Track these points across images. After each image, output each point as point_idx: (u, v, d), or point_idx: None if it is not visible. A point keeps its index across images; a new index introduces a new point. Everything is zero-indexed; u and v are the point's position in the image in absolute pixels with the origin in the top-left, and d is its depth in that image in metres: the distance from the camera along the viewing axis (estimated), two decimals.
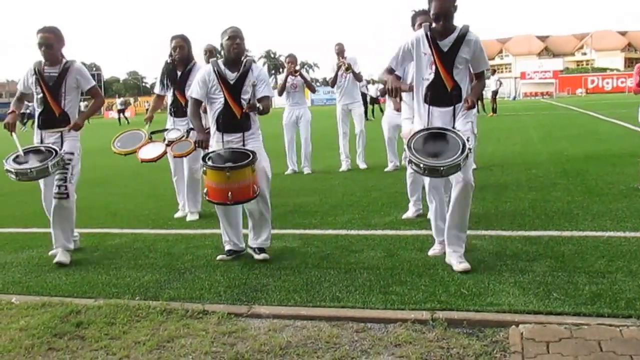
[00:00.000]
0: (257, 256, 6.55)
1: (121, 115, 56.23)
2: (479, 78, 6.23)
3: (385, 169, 12.88)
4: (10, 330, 4.90)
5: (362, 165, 13.56)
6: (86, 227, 8.30)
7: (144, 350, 4.43)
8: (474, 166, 11.92)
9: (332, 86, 13.80)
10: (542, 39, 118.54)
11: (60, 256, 6.89)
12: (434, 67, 5.90)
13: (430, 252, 6.39)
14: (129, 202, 10.94)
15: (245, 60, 6.51)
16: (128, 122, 50.36)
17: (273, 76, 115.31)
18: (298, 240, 7.29)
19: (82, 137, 7.17)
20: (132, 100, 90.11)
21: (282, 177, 12.94)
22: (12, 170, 6.57)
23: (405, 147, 5.77)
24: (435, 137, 5.80)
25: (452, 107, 5.95)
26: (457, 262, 5.88)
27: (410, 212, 8.03)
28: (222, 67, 6.48)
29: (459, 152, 5.47)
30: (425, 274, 5.77)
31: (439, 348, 4.23)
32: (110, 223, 8.97)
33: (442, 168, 5.46)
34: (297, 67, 13.44)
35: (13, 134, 6.91)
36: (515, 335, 4.30)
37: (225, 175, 6.05)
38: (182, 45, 8.55)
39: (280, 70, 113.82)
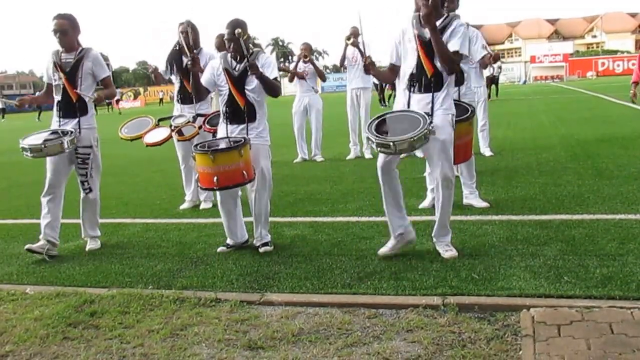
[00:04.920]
0: (260, 250, 6.51)
1: (117, 105, 58.44)
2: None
3: (401, 156, 12.81)
4: (25, 320, 4.94)
5: (368, 155, 13.31)
6: (99, 217, 8.34)
7: (158, 338, 4.47)
8: (491, 153, 11.99)
9: (341, 65, 13.76)
10: (552, 22, 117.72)
11: (90, 244, 7.12)
12: (416, 53, 5.88)
13: (381, 251, 6.09)
14: (141, 191, 10.98)
15: (252, 51, 6.43)
16: (120, 113, 51.84)
17: (282, 64, 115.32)
18: (309, 228, 7.31)
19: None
20: (142, 90, 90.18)
21: (292, 165, 12.96)
22: (27, 146, 6.66)
23: (366, 127, 5.76)
24: (400, 119, 5.80)
25: (430, 94, 5.85)
26: (443, 250, 5.92)
27: (427, 202, 7.95)
28: (229, 58, 6.46)
29: (416, 130, 5.47)
30: (436, 259, 5.78)
31: (450, 333, 4.26)
32: (122, 213, 9.01)
33: (392, 143, 5.47)
34: (309, 54, 13.41)
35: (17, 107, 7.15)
36: (527, 319, 4.31)
37: (209, 159, 5.99)
38: (187, 32, 8.44)
39: (290, 58, 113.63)
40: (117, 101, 59.68)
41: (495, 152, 12.22)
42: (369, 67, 6.09)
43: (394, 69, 6.21)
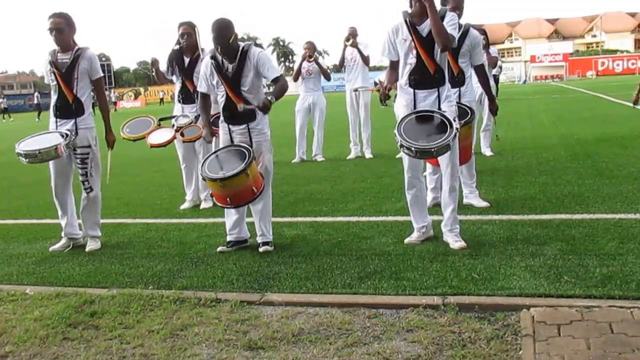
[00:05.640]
0: (260, 249, 6.52)
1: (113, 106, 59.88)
2: None
3: (397, 155, 12.81)
4: (25, 320, 4.94)
5: (368, 155, 13.36)
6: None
7: (158, 338, 4.47)
8: (491, 153, 11.98)
9: (340, 66, 13.75)
10: (552, 21, 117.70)
11: (90, 245, 7.11)
12: (415, 51, 6.01)
13: (407, 240, 6.40)
14: (141, 191, 10.97)
15: (241, 47, 6.33)
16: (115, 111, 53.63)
17: (282, 64, 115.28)
18: (309, 228, 7.30)
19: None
20: (142, 90, 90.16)
21: (292, 165, 12.96)
22: (22, 152, 6.65)
23: (395, 132, 5.86)
24: (422, 120, 5.96)
25: (436, 89, 6.06)
26: (453, 240, 6.12)
27: (427, 201, 7.90)
28: (220, 57, 6.36)
29: (447, 132, 5.70)
30: (437, 259, 5.78)
31: (450, 332, 4.26)
32: (123, 213, 9.00)
33: (433, 149, 5.69)
34: (314, 54, 13.39)
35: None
36: (527, 319, 4.31)
37: (219, 185, 6.05)
38: (189, 33, 8.49)
39: (290, 57, 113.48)
40: (114, 102, 60.32)
41: (495, 152, 12.22)
42: (385, 94, 6.46)
43: (395, 65, 6.29)
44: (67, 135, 6.77)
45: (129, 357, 4.25)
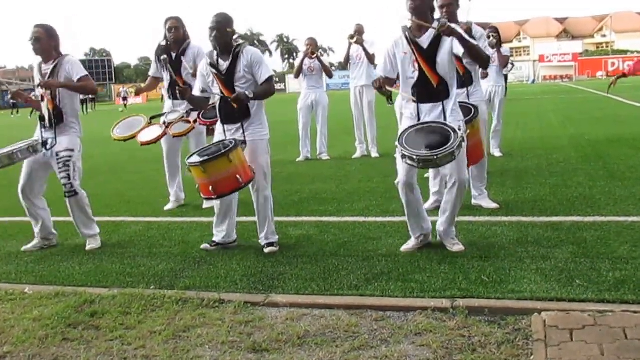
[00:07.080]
0: (265, 250, 6.42)
1: (124, 102, 60.15)
2: None
3: None
4: (24, 320, 4.88)
5: (374, 154, 13.27)
6: (100, 215, 8.18)
7: (160, 340, 4.40)
8: (500, 154, 11.88)
9: (345, 64, 13.69)
10: (561, 21, 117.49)
11: (90, 244, 7.02)
12: (416, 64, 5.88)
13: (403, 248, 6.18)
14: (142, 189, 10.93)
15: (235, 46, 6.30)
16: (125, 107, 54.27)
17: (287, 61, 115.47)
18: (315, 228, 7.22)
19: (92, 124, 7.08)
20: (143, 86, 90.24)
21: (296, 163, 12.89)
22: None
23: (397, 143, 5.73)
24: (426, 131, 5.81)
25: (440, 103, 5.91)
26: (451, 244, 6.06)
27: (429, 204, 7.73)
28: (216, 56, 6.35)
29: (452, 140, 5.53)
30: (445, 261, 5.69)
31: (460, 336, 4.18)
32: (124, 211, 8.94)
33: (435, 157, 5.54)
34: (315, 51, 13.31)
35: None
36: (538, 323, 4.23)
37: (201, 170, 5.99)
38: (176, 27, 8.44)
39: (295, 54, 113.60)
40: (125, 98, 60.51)
41: (505, 153, 12.11)
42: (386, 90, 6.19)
43: (388, 79, 6.14)
44: (45, 142, 6.82)
45: (130, 358, 4.19)
